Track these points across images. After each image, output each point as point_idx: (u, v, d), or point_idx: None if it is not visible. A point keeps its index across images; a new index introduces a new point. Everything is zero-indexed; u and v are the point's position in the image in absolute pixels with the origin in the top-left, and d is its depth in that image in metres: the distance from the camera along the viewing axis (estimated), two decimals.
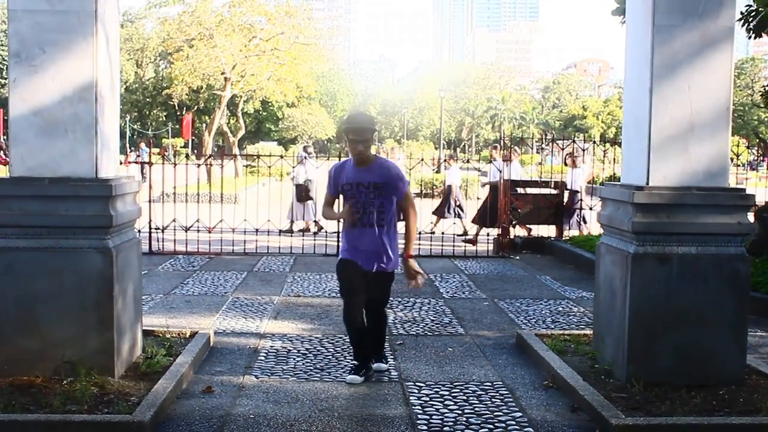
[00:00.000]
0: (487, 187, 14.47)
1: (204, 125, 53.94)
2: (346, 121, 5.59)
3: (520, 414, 4.94)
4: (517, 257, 12.46)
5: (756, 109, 68.45)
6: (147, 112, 69.96)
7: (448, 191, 16.64)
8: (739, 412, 4.79)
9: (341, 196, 5.69)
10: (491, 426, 4.70)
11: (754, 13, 10.38)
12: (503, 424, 4.74)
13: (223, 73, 39.62)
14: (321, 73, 64.80)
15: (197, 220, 13.64)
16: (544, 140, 17.22)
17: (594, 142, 16.41)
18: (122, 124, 53.24)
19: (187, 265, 11.04)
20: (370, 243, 5.49)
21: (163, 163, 13.14)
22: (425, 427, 4.67)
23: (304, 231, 15.43)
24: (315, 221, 15.84)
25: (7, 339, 5.01)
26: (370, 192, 5.47)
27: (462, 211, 16.49)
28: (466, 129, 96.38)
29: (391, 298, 8.67)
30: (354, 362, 5.72)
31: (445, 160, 18.89)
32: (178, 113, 63.02)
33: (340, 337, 6.86)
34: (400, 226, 5.57)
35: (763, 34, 10.74)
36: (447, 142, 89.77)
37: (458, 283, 10.00)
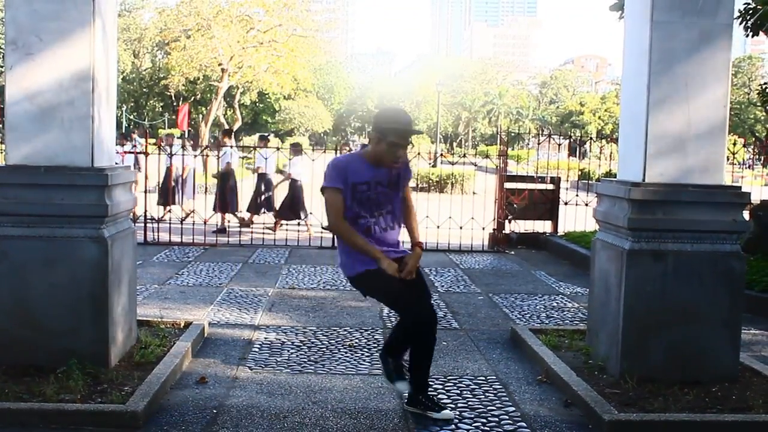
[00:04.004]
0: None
1: (201, 116, 53.85)
2: (389, 119, 4.49)
3: (513, 409, 4.95)
4: (512, 252, 12.48)
5: (753, 108, 68.51)
6: (143, 103, 69.79)
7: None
8: (731, 409, 4.80)
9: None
10: (484, 420, 4.71)
11: (752, 11, 10.40)
12: (496, 419, 4.74)
13: (220, 65, 39.52)
14: (318, 65, 64.64)
15: (193, 211, 13.63)
16: (540, 136, 17.18)
17: (591, 138, 16.43)
18: (119, 114, 53.09)
19: (182, 255, 11.03)
20: (390, 244, 4.67)
21: (159, 154, 13.12)
22: (418, 421, 4.67)
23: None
24: None
25: (1, 328, 5.00)
26: (389, 190, 4.62)
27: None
28: (463, 123, 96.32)
29: None
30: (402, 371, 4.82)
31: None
32: (175, 104, 62.88)
33: (335, 330, 6.87)
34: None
35: (760, 32, 10.76)
36: (444, 136, 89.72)
37: (453, 277, 10.00)
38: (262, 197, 14.55)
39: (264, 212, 14.72)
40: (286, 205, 14.12)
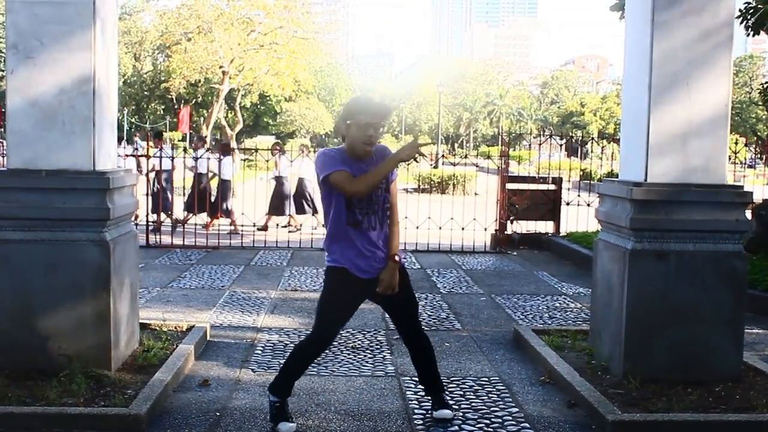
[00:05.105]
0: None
1: (202, 119, 53.93)
2: (358, 104, 4.30)
3: (517, 410, 4.94)
4: (515, 253, 12.48)
5: (754, 107, 68.45)
6: (145, 106, 69.82)
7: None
8: (735, 409, 4.79)
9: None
10: (488, 421, 4.70)
11: (752, 11, 10.38)
12: (500, 420, 4.74)
13: (221, 67, 39.58)
14: (319, 67, 64.72)
15: (194, 214, 13.62)
16: (541, 136, 17.19)
17: (592, 139, 16.43)
18: (120, 117, 53.13)
19: (184, 258, 11.03)
20: (373, 245, 4.44)
21: (160, 156, 13.11)
22: (421, 422, 4.67)
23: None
24: None
25: (4, 331, 4.99)
26: (378, 188, 4.38)
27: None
28: (464, 124, 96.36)
29: None
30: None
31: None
32: (176, 107, 62.93)
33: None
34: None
35: (761, 31, 10.74)
36: (445, 137, 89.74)
37: (455, 278, 10.00)
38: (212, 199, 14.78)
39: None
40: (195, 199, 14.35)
